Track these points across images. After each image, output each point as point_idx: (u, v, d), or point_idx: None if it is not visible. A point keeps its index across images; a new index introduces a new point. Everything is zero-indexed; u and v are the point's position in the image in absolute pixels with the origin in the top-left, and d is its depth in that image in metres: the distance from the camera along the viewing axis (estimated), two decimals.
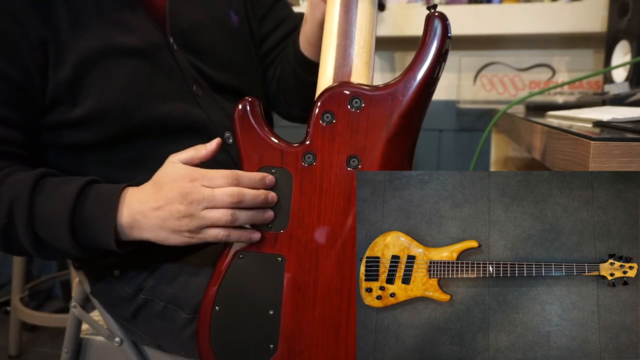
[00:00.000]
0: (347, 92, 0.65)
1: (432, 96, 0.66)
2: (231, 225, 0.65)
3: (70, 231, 0.67)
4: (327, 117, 0.66)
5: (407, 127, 0.65)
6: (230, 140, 0.83)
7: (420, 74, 0.63)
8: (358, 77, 0.68)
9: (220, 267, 0.69)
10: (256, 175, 0.66)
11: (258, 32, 0.96)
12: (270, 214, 0.67)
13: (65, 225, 0.66)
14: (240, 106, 0.68)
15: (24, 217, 0.67)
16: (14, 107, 0.70)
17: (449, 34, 0.64)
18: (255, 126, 0.67)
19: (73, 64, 0.71)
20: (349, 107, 0.65)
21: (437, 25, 0.63)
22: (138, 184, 0.70)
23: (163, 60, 0.78)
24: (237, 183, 0.65)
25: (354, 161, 0.65)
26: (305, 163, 0.66)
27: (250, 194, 0.65)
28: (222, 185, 0.65)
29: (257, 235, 0.67)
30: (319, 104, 0.66)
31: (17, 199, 0.67)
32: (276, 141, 0.67)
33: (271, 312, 0.67)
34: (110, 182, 0.72)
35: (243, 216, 0.65)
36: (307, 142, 0.66)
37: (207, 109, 0.82)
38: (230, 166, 0.72)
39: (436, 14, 0.64)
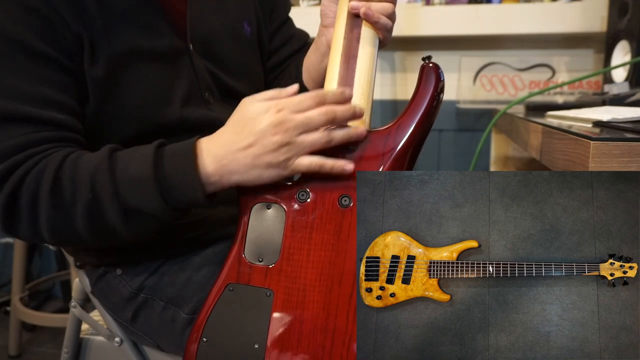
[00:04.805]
0: None
1: (425, 139, 0.69)
2: (327, 147, 0.65)
3: (157, 189, 0.64)
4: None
5: (399, 168, 0.68)
6: None
7: (413, 122, 0.67)
8: (355, 122, 0.70)
9: (211, 298, 0.69)
10: (337, 90, 0.66)
11: (267, 46, 0.98)
12: (362, 129, 0.66)
13: (152, 185, 0.64)
14: None
15: (107, 186, 0.64)
16: (70, 93, 0.70)
17: (442, 80, 0.69)
18: None
19: (104, 64, 0.71)
20: (343, 148, 0.68)
21: (431, 75, 0.68)
22: None
23: (182, 65, 0.79)
24: (324, 101, 0.65)
25: (345, 200, 0.67)
26: (298, 200, 0.68)
27: (340, 109, 0.65)
28: (311, 107, 0.64)
29: (350, 167, 0.65)
30: None
31: (97, 172, 0.65)
32: None
33: (256, 346, 0.67)
34: None
35: (339, 135, 0.65)
36: (303, 180, 0.69)
37: (220, 115, 0.83)
38: None
39: (430, 64, 0.68)
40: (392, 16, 0.75)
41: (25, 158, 0.66)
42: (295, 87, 0.68)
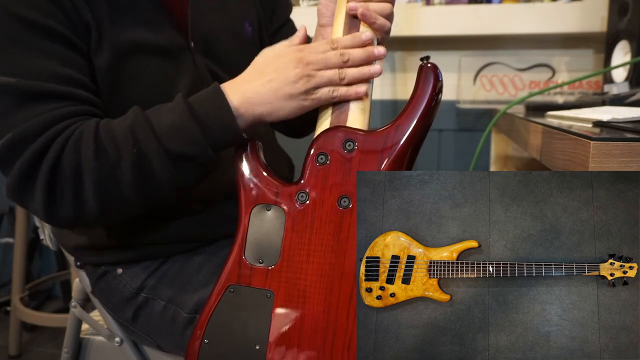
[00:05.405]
0: (341, 135, 0.69)
1: (424, 139, 0.70)
2: (340, 84, 0.70)
3: (198, 128, 0.67)
4: (322, 158, 0.69)
5: (398, 168, 0.68)
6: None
7: (411, 122, 0.68)
8: (354, 122, 0.70)
9: (211, 300, 0.69)
10: (353, 36, 0.71)
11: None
12: (376, 67, 0.71)
13: (192, 126, 0.66)
14: (241, 148, 0.71)
15: (150, 139, 0.66)
16: (87, 74, 0.72)
17: (440, 80, 0.69)
18: (254, 167, 0.71)
19: (109, 55, 0.72)
20: (342, 149, 0.68)
21: (429, 75, 0.68)
22: None
23: (184, 62, 0.80)
24: (338, 46, 0.70)
25: (344, 201, 0.67)
26: (298, 202, 0.69)
27: (355, 51, 0.70)
28: (327, 51, 0.70)
29: (362, 89, 0.70)
30: (314, 145, 0.70)
31: (136, 128, 0.67)
32: (272, 180, 0.70)
33: (257, 347, 0.67)
34: None
35: (351, 72, 0.70)
36: (302, 182, 0.69)
37: None
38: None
39: (429, 65, 0.69)
40: (390, 17, 0.75)
41: (59, 131, 0.66)
42: (302, 29, 0.74)
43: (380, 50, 0.71)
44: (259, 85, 0.68)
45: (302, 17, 1.10)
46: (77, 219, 0.68)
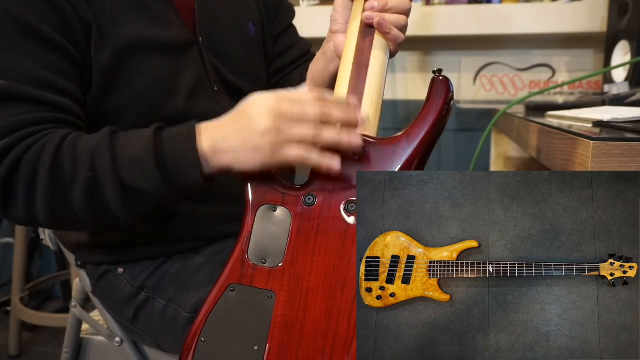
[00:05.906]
0: None
1: (433, 148, 0.70)
2: (313, 146, 0.64)
3: (156, 168, 0.64)
4: None
5: None
6: None
7: (422, 131, 0.68)
8: (364, 129, 0.70)
9: (211, 298, 0.69)
10: (342, 98, 0.69)
11: (270, 50, 0.98)
12: (356, 138, 0.65)
13: (151, 163, 0.64)
14: None
15: (107, 164, 0.64)
16: (74, 81, 0.71)
17: (451, 91, 0.69)
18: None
19: (111, 53, 0.72)
20: (352, 155, 0.68)
21: (442, 88, 0.69)
22: None
23: (191, 57, 0.81)
24: (322, 101, 0.65)
25: (352, 206, 0.67)
26: (305, 204, 0.68)
27: (337, 113, 0.64)
28: (309, 104, 0.64)
29: (336, 163, 0.64)
30: None
31: (97, 151, 0.65)
32: (280, 181, 0.70)
33: (256, 348, 0.67)
34: None
35: (328, 134, 0.63)
36: (309, 185, 0.69)
37: (227, 109, 0.84)
38: None
39: (440, 77, 0.69)
40: (404, 29, 0.76)
41: (27, 135, 0.66)
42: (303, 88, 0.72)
43: (362, 119, 0.66)
44: (230, 132, 0.65)
45: (303, 17, 1.11)
46: (30, 221, 0.69)
